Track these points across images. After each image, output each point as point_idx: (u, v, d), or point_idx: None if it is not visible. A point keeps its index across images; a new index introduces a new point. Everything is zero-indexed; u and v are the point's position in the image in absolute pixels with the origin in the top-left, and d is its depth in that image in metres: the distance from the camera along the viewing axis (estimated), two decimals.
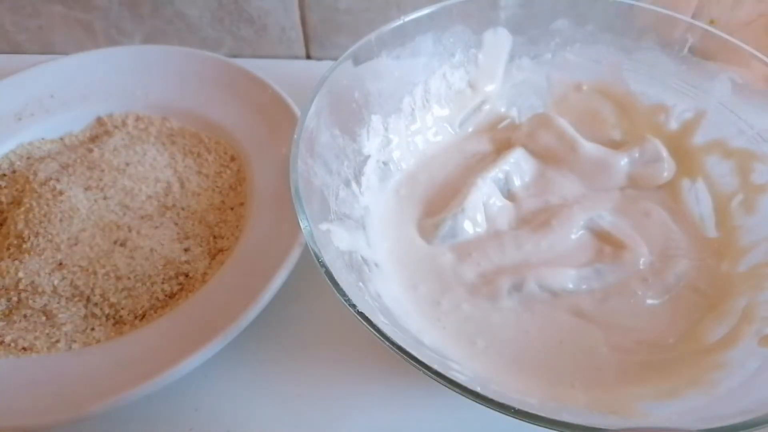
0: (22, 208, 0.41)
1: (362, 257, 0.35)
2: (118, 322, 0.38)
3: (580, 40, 0.43)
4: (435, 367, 0.25)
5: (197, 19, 0.58)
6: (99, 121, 0.50)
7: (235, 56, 0.60)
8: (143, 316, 0.38)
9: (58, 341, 0.36)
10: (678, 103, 0.41)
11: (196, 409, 0.36)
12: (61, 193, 0.41)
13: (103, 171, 0.44)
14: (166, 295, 0.39)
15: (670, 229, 0.38)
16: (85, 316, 0.38)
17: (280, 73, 0.49)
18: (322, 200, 0.34)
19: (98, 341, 0.36)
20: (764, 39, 0.55)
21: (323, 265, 0.28)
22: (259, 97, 0.48)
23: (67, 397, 0.32)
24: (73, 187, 0.42)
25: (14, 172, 0.45)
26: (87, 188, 0.43)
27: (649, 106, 0.42)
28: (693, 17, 0.54)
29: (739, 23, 0.55)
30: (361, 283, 0.32)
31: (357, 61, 0.38)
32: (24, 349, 0.36)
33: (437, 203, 0.40)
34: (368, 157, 0.40)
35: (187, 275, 0.40)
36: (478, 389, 0.24)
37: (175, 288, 0.39)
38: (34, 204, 0.41)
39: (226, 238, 0.42)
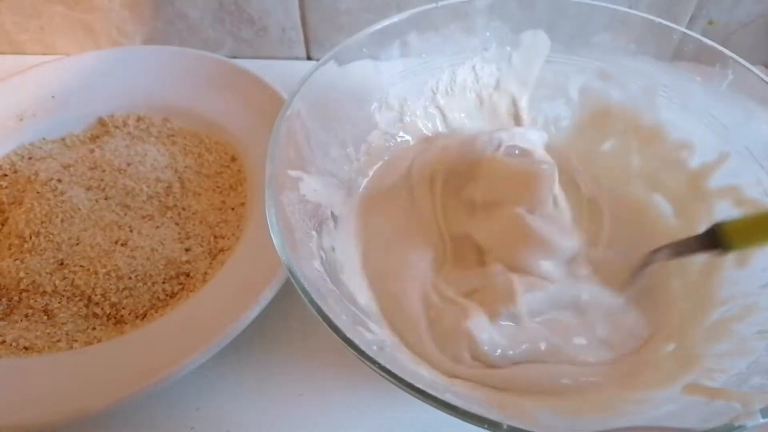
0: (24, 208, 0.41)
1: (332, 213, 0.36)
2: (118, 322, 0.38)
3: (621, 57, 0.41)
4: (332, 317, 0.26)
5: (198, 19, 0.58)
6: (100, 121, 0.50)
7: (235, 57, 0.60)
8: (144, 315, 0.38)
9: (59, 341, 0.36)
10: (704, 141, 0.38)
11: (197, 409, 0.36)
12: (62, 193, 0.41)
13: (104, 171, 0.44)
14: (167, 295, 0.39)
15: None
16: (86, 316, 0.38)
17: (281, 73, 0.49)
18: (305, 150, 0.34)
19: (99, 341, 0.36)
20: (764, 39, 0.55)
21: (271, 204, 0.28)
22: (259, 98, 0.48)
23: (67, 397, 0.32)
24: (74, 187, 0.42)
25: (16, 172, 0.45)
26: (88, 188, 0.43)
27: (674, 141, 0.40)
28: (692, 17, 0.55)
29: (738, 23, 0.55)
30: (314, 232, 0.33)
31: (384, 39, 0.38)
32: (25, 348, 0.36)
33: None
34: (375, 126, 0.40)
35: (188, 275, 0.40)
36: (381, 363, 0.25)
37: (176, 288, 0.39)
38: (36, 204, 0.41)
39: (226, 238, 0.42)
